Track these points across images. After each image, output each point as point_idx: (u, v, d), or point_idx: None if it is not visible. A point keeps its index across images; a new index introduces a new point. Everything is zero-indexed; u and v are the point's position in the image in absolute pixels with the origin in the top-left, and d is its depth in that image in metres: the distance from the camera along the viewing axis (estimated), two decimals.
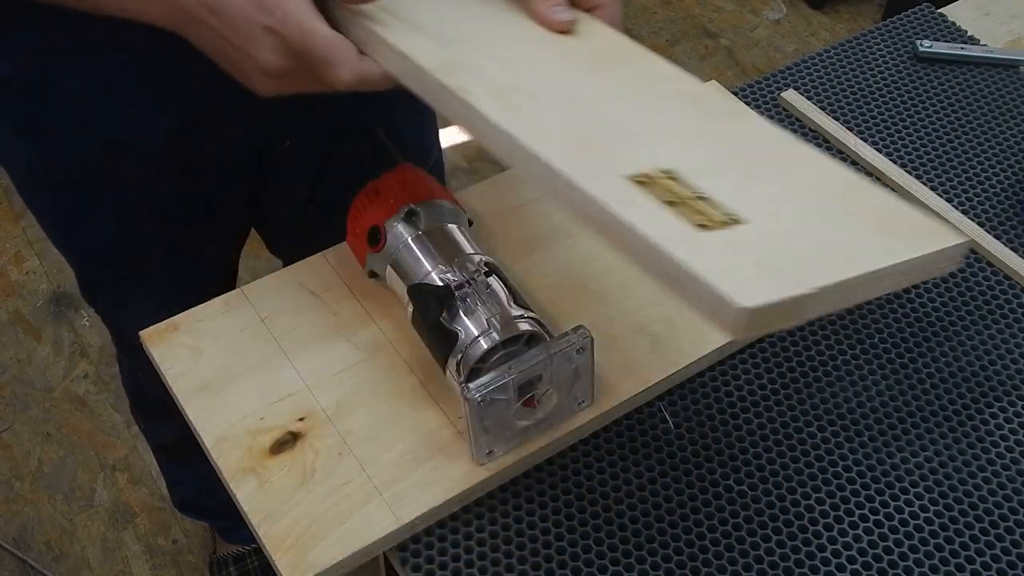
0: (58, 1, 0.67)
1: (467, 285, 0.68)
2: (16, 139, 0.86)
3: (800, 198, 0.60)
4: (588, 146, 0.60)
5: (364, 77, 0.63)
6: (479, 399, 0.64)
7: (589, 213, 0.56)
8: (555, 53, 0.69)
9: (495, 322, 0.66)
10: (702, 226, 0.55)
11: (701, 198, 0.56)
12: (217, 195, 0.93)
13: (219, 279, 1.05)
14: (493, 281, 0.69)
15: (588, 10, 0.75)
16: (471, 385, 0.64)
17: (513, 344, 0.67)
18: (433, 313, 0.67)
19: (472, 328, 0.67)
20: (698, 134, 0.64)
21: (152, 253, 0.96)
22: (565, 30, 0.72)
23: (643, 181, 0.57)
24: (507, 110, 0.61)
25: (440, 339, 0.68)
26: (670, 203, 0.56)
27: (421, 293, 0.68)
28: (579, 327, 0.66)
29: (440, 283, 0.68)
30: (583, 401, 0.70)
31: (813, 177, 0.62)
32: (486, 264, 0.70)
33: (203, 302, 0.78)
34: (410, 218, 0.72)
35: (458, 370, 0.67)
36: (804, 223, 0.57)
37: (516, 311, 0.68)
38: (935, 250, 0.58)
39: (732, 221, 0.55)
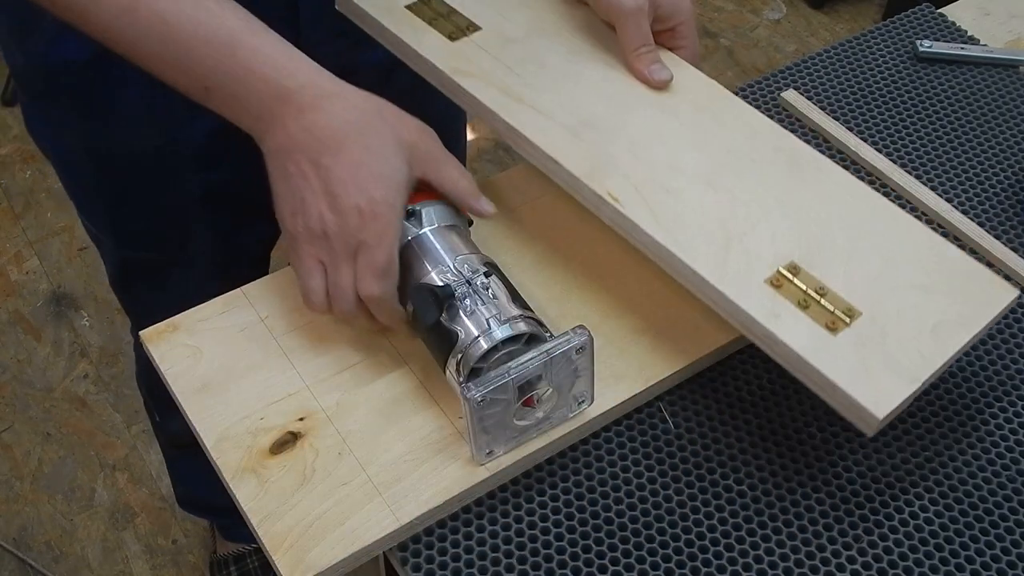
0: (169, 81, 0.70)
1: (467, 285, 0.68)
2: (76, 118, 0.88)
3: (894, 272, 0.70)
4: (727, 247, 0.70)
5: (385, 299, 0.68)
6: (479, 399, 0.64)
7: (741, 321, 0.68)
8: (665, 118, 0.78)
9: (495, 322, 0.66)
10: (831, 327, 0.66)
11: (822, 292, 0.68)
12: (261, 183, 0.94)
13: (258, 270, 1.06)
14: (493, 281, 0.69)
15: (671, 48, 0.79)
16: (471, 385, 0.64)
17: (513, 344, 0.67)
18: (433, 313, 0.67)
19: (472, 328, 0.67)
20: (801, 205, 0.73)
21: (198, 235, 0.97)
22: (663, 88, 0.79)
23: (777, 283, 0.69)
24: (655, 218, 0.71)
25: (440, 339, 0.68)
26: (802, 305, 0.67)
27: (420, 293, 0.68)
28: (578, 327, 0.66)
29: (440, 283, 0.68)
30: (583, 400, 0.70)
31: (897, 241, 0.72)
32: (486, 264, 0.70)
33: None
34: (410, 218, 0.72)
35: (458, 370, 0.67)
36: (904, 302, 0.68)
37: (516, 311, 0.68)
38: (1004, 306, 0.69)
39: (851, 314, 0.67)
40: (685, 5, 0.81)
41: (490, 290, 0.68)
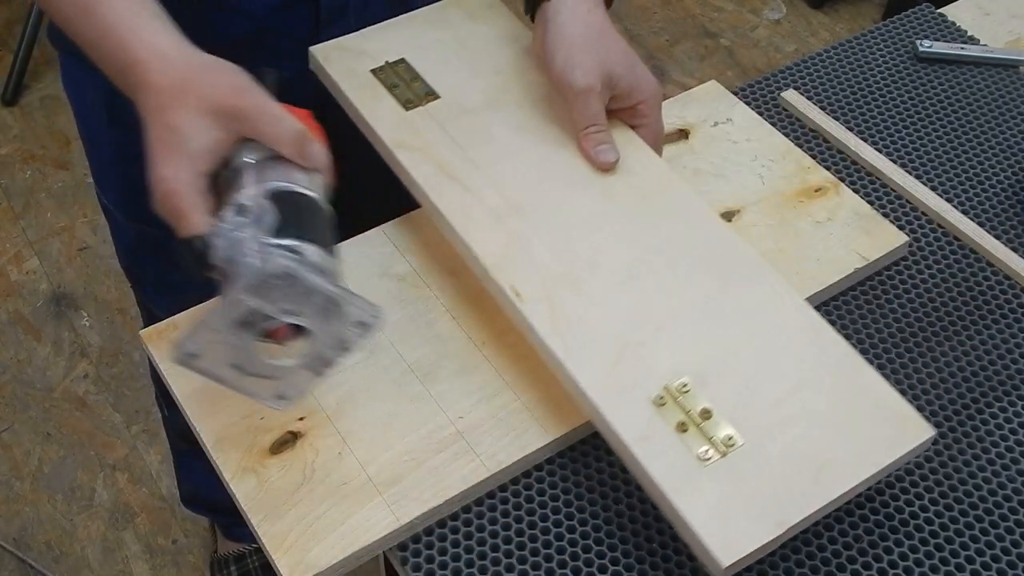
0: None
1: (227, 230, 0.63)
2: (97, 74, 0.87)
3: (797, 398, 0.65)
4: (620, 357, 0.67)
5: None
6: (184, 353, 0.62)
7: (609, 439, 0.65)
8: (601, 204, 0.75)
9: (249, 263, 0.61)
10: (702, 457, 0.62)
11: (706, 416, 0.64)
12: None
13: None
14: (267, 217, 0.63)
15: (632, 126, 0.78)
16: (181, 341, 0.61)
17: (283, 279, 0.61)
18: (195, 271, 0.63)
19: (232, 272, 0.62)
20: (717, 316, 0.69)
21: None
22: (608, 170, 0.76)
23: (661, 402, 0.65)
24: (552, 318, 0.69)
25: (217, 290, 0.64)
26: (681, 427, 0.64)
27: (180, 251, 0.64)
28: (288, 246, 0.61)
29: (206, 231, 0.64)
30: (366, 322, 0.64)
31: (811, 364, 0.67)
32: (273, 193, 0.64)
33: None
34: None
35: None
36: (796, 434, 0.63)
37: (274, 241, 0.61)
38: (912, 448, 0.64)
39: (730, 444, 0.63)
40: (648, 84, 0.78)
41: (258, 224, 0.63)
